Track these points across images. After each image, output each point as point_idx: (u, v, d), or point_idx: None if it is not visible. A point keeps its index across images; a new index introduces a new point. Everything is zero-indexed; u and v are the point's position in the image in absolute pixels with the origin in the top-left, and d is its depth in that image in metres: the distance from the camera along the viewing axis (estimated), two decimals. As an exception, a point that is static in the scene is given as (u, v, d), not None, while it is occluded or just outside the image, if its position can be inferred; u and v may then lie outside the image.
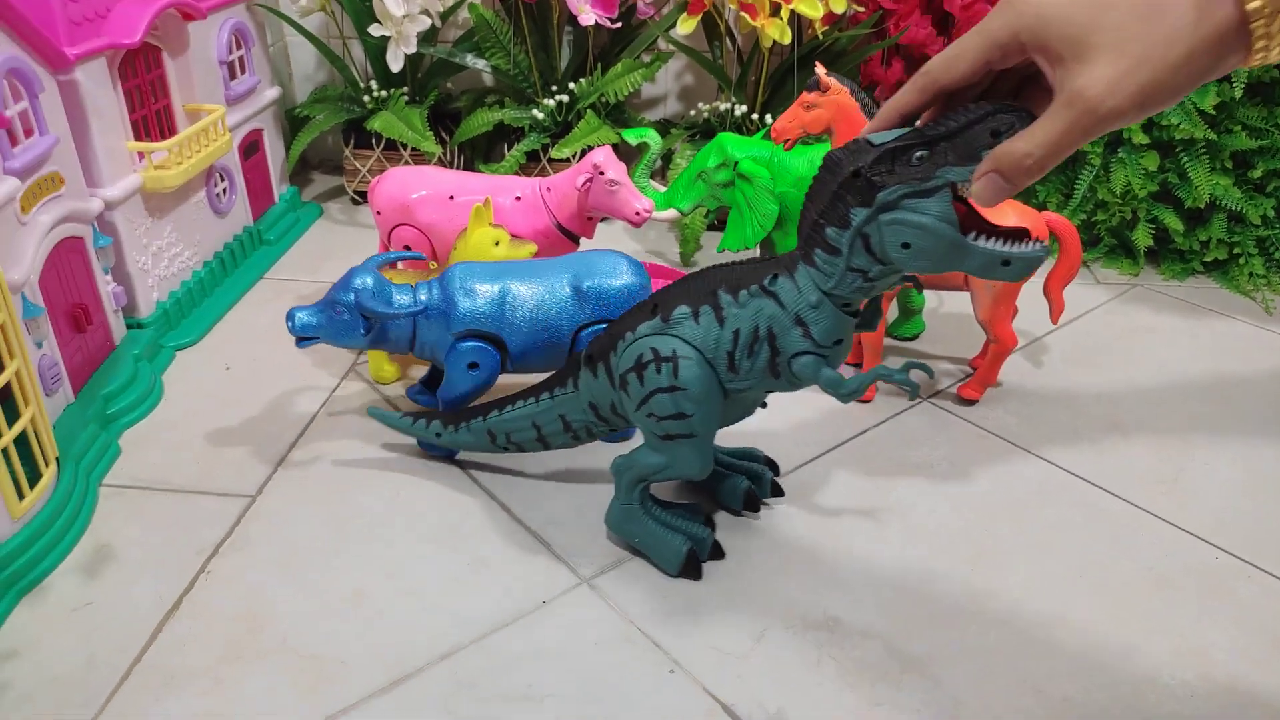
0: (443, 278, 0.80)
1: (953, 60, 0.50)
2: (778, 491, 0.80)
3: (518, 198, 0.98)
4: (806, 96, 0.89)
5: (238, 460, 0.83)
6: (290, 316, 0.78)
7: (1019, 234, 0.54)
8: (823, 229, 0.58)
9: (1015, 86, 0.52)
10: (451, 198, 0.97)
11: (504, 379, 0.83)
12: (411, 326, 0.80)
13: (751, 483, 0.78)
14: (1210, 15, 0.42)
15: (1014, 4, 0.47)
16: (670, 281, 0.95)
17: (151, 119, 1.02)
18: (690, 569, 0.71)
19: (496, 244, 0.88)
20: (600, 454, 0.85)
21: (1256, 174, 1.14)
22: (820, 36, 1.21)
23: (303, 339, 0.79)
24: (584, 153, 1.24)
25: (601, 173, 0.94)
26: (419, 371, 0.97)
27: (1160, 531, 0.76)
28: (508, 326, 0.80)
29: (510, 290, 0.80)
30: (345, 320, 0.78)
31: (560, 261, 0.83)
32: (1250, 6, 0.41)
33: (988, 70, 0.49)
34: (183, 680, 0.62)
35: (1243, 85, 1.07)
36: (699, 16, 1.21)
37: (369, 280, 0.78)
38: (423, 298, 0.79)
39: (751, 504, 0.78)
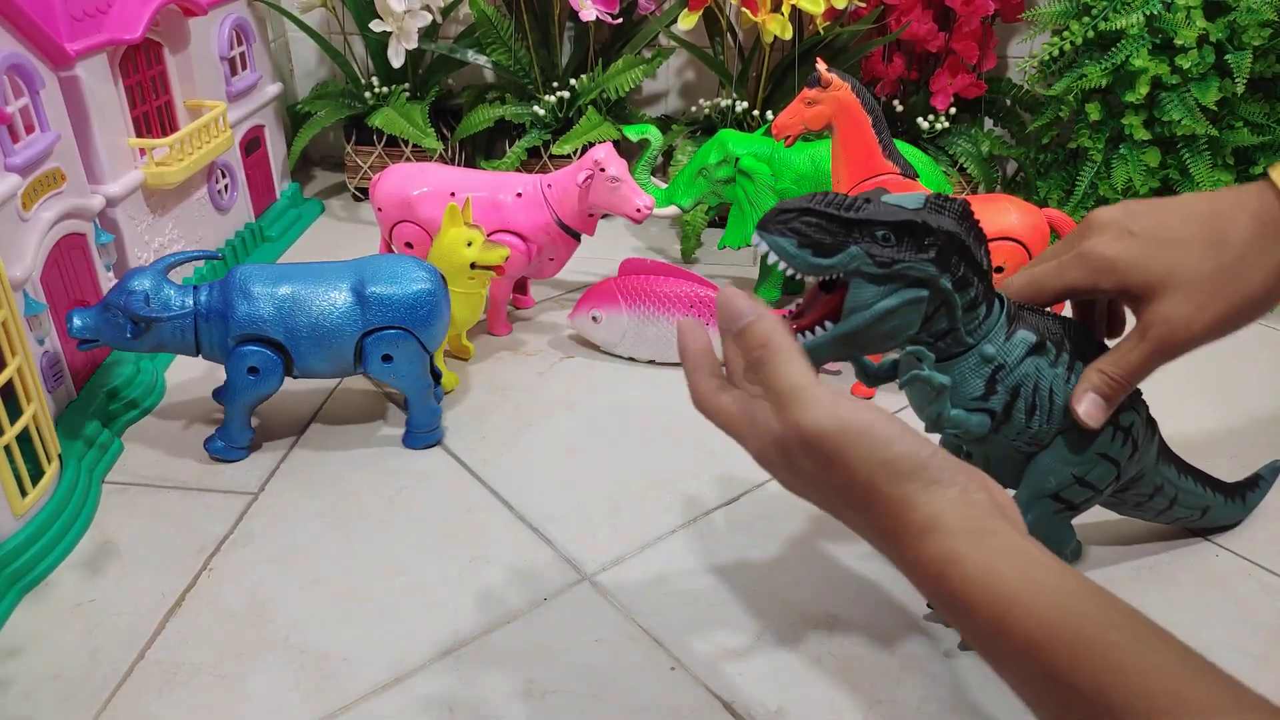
0: (224, 280, 0.79)
1: (1034, 293, 0.55)
2: None
3: (519, 194, 0.98)
4: (808, 93, 0.89)
5: (239, 457, 0.84)
6: (69, 319, 0.77)
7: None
8: None
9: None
10: (453, 194, 0.97)
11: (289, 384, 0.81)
12: (193, 330, 0.78)
13: None
14: (1276, 249, 0.48)
15: (1087, 258, 0.52)
16: (675, 278, 0.96)
17: (153, 115, 1.02)
18: None
19: (469, 244, 0.87)
20: (600, 452, 0.85)
21: (1258, 170, 1.14)
22: (821, 32, 1.21)
23: (83, 342, 0.78)
24: (585, 149, 1.24)
25: (602, 169, 0.94)
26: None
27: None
28: (288, 331, 0.78)
29: (292, 294, 0.79)
30: (119, 323, 0.77)
31: (347, 265, 0.81)
32: None
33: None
34: (185, 676, 0.62)
35: (1245, 81, 1.07)
36: (700, 12, 1.21)
37: (146, 282, 0.76)
38: (203, 298, 0.78)
39: None
